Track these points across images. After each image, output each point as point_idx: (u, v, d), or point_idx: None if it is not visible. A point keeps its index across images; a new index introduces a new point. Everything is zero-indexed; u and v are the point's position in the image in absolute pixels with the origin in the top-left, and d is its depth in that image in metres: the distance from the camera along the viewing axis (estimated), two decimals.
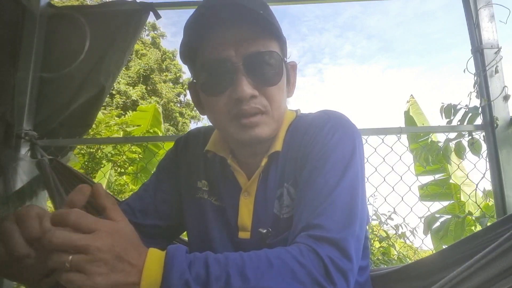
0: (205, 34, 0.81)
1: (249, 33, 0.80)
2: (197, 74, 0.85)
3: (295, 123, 0.91)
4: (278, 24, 0.84)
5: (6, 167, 1.65)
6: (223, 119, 0.83)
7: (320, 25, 41.35)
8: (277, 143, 0.87)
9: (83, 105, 1.93)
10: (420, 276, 1.04)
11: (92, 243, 0.55)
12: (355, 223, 0.72)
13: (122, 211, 0.95)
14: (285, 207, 0.84)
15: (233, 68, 0.79)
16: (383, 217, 2.91)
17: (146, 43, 18.74)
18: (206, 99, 0.85)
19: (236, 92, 0.78)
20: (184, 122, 18.25)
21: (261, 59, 0.80)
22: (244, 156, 0.91)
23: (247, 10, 0.76)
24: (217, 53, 0.80)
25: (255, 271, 0.61)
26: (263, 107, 0.81)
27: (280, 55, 0.84)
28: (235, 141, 0.87)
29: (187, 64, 0.89)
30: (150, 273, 0.58)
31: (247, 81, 0.78)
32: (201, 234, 0.92)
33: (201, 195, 0.95)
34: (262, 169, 0.87)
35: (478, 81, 1.68)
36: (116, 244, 0.57)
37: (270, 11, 0.84)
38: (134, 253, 0.59)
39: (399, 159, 1.77)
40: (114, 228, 0.59)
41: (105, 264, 0.55)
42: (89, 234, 0.56)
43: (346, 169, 0.76)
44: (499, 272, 0.71)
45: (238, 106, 0.79)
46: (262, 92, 0.81)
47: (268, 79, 0.81)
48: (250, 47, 0.79)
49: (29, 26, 1.83)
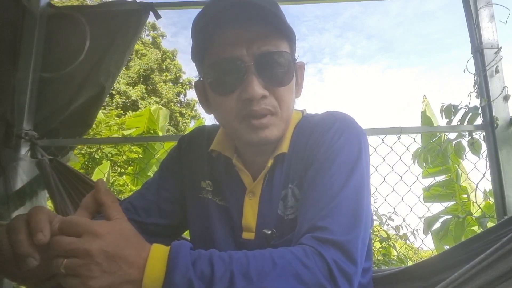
0: (216, 32, 0.79)
1: (261, 32, 0.78)
2: (206, 72, 0.84)
3: (301, 124, 0.90)
4: (288, 23, 0.82)
5: (6, 167, 1.65)
6: (232, 119, 0.82)
7: (320, 25, 41.38)
8: (283, 144, 0.86)
9: (83, 105, 1.93)
10: (422, 277, 1.04)
11: (80, 246, 0.55)
12: (361, 226, 0.71)
13: (124, 209, 0.96)
14: (290, 208, 0.83)
15: (244, 67, 0.77)
16: (383, 218, 2.91)
17: (146, 43, 18.74)
18: (215, 98, 0.84)
19: (247, 92, 0.77)
20: (185, 122, 18.24)
21: (273, 59, 0.79)
22: (250, 156, 0.90)
23: (258, 8, 0.75)
24: (228, 51, 0.78)
25: (259, 271, 0.60)
26: (273, 108, 0.80)
27: (291, 55, 0.83)
28: (243, 141, 0.87)
29: (195, 62, 0.88)
30: (153, 269, 0.58)
31: (258, 81, 0.78)
32: (204, 234, 0.92)
33: (205, 195, 0.94)
34: (267, 170, 0.87)
35: (478, 81, 1.68)
36: (106, 244, 0.56)
37: (280, 9, 0.83)
38: (131, 250, 0.58)
39: (399, 159, 1.77)
40: (106, 229, 0.58)
41: (96, 266, 0.55)
42: (78, 237, 0.56)
43: (352, 171, 0.75)
44: (500, 274, 0.71)
45: (248, 107, 0.78)
46: (272, 93, 0.80)
47: (279, 79, 0.80)
48: (262, 47, 0.78)
49: (29, 26, 1.83)
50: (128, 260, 0.58)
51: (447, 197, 3.99)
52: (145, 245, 0.62)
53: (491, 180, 1.63)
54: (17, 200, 1.65)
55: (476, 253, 0.92)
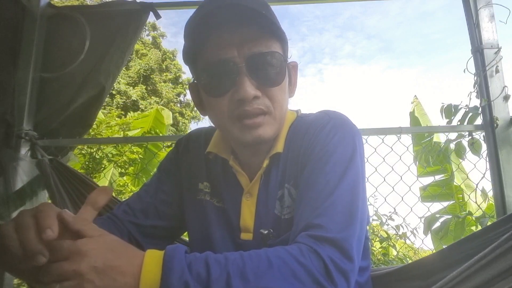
0: (208, 34, 0.80)
1: (251, 34, 0.79)
2: (199, 74, 0.85)
3: (296, 124, 0.91)
4: (280, 24, 0.84)
5: (6, 167, 1.65)
6: (226, 120, 0.82)
7: (320, 25, 41.38)
8: (278, 144, 0.87)
9: (83, 105, 1.93)
10: (421, 276, 1.04)
11: (68, 268, 0.56)
12: (356, 223, 0.72)
13: (122, 211, 0.96)
14: (286, 208, 0.84)
15: (236, 68, 0.78)
16: (384, 218, 2.91)
17: (146, 43, 18.74)
18: (208, 100, 0.84)
19: (239, 93, 0.78)
20: (184, 123, 18.24)
21: (264, 60, 0.80)
22: (246, 156, 0.91)
23: (249, 10, 0.76)
24: (219, 54, 0.79)
25: (255, 271, 0.60)
26: (265, 107, 0.81)
27: (282, 56, 0.84)
28: (237, 142, 0.87)
29: (188, 64, 0.88)
30: (148, 275, 0.58)
31: (250, 82, 0.78)
32: (202, 236, 0.92)
33: (202, 197, 0.95)
34: (263, 170, 0.87)
35: (478, 81, 1.68)
36: (94, 260, 0.57)
37: (272, 11, 0.84)
38: (122, 260, 0.59)
39: (399, 159, 1.77)
40: (90, 246, 0.58)
41: (89, 284, 0.56)
42: (66, 260, 0.57)
43: (346, 170, 0.76)
44: (499, 273, 0.71)
45: (241, 107, 0.79)
46: (265, 93, 0.81)
47: (270, 79, 0.81)
48: (253, 48, 0.79)
49: (29, 26, 1.83)
50: (121, 270, 0.58)
51: (444, 197, 4.00)
52: (136, 252, 0.62)
53: (491, 180, 1.62)
54: (17, 200, 1.65)
55: (474, 251, 0.92)
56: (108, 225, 0.92)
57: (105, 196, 0.67)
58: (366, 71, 43.97)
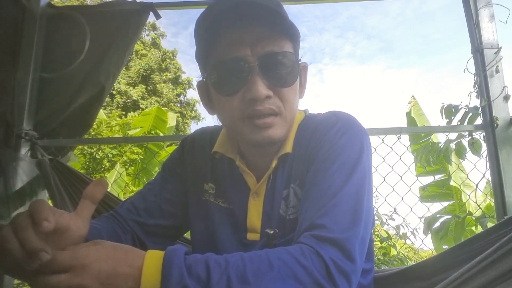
0: (220, 32, 0.79)
1: (265, 32, 0.78)
2: (210, 72, 0.83)
3: (304, 124, 0.90)
4: (293, 23, 0.82)
5: (6, 167, 1.64)
6: (236, 119, 0.82)
7: (320, 25, 41.37)
8: (287, 145, 0.86)
9: (83, 105, 1.93)
10: (422, 277, 1.04)
11: (73, 282, 0.56)
12: (360, 225, 0.71)
13: (125, 210, 0.96)
14: (291, 208, 0.83)
15: (248, 67, 0.77)
16: (384, 217, 2.91)
17: (146, 43, 18.72)
18: (219, 98, 0.83)
19: (251, 92, 0.77)
20: (185, 122, 18.23)
21: (277, 60, 0.79)
22: (253, 156, 0.90)
23: (263, 9, 0.75)
24: (232, 52, 0.78)
25: (255, 273, 0.60)
26: (277, 108, 0.80)
27: (294, 56, 0.83)
28: (246, 141, 0.86)
29: (199, 62, 0.87)
30: (148, 279, 0.58)
31: (262, 81, 0.77)
32: (206, 236, 0.92)
33: (207, 198, 0.94)
34: (272, 170, 0.86)
35: (478, 81, 1.68)
36: (98, 272, 0.57)
37: (284, 9, 0.83)
38: (123, 267, 0.59)
39: (399, 159, 1.77)
40: (92, 257, 0.59)
41: None
42: (68, 272, 0.57)
43: (353, 171, 0.75)
44: (500, 275, 0.71)
45: (252, 106, 0.78)
46: (277, 93, 0.80)
47: (283, 80, 0.80)
48: (266, 47, 0.78)
49: (29, 26, 1.83)
50: (124, 275, 0.58)
51: (444, 197, 4.00)
52: (137, 254, 0.62)
53: (491, 180, 1.62)
54: (17, 200, 1.65)
55: (476, 253, 0.92)
56: (111, 223, 0.92)
57: (102, 189, 0.67)
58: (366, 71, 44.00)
